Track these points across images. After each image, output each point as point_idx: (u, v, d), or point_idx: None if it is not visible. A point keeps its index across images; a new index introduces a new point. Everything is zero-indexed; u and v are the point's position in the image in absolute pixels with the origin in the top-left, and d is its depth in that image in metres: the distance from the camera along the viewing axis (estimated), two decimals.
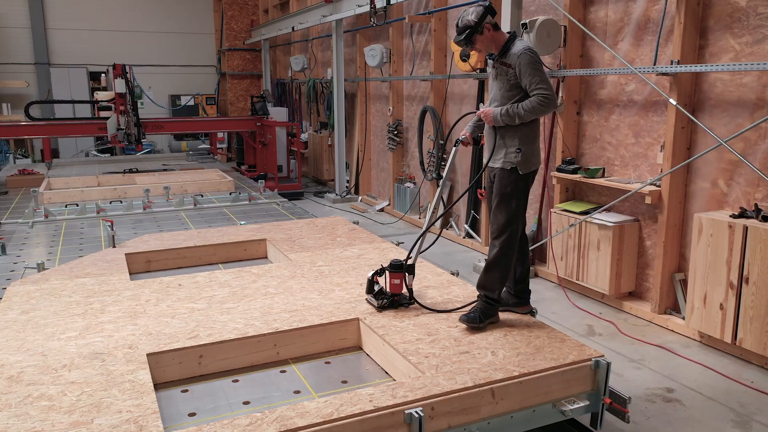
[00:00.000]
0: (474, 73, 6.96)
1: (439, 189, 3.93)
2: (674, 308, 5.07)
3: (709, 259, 4.44)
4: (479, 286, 3.60)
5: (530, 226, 6.69)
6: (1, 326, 3.48)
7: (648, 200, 5.00)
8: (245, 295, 4.01)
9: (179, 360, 3.19)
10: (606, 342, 4.79)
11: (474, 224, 7.66)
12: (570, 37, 5.74)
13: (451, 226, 8.20)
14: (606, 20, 5.51)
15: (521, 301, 3.71)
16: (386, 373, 3.31)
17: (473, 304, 3.59)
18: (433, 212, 3.96)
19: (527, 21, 5.54)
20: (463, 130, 3.92)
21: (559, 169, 5.89)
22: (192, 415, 2.87)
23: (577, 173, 5.68)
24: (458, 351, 3.17)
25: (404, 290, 3.75)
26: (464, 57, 6.84)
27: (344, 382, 3.21)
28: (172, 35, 16.94)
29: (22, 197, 8.49)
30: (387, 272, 3.74)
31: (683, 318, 4.88)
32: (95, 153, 14.66)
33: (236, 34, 16.37)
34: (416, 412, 2.60)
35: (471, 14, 3.43)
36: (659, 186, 4.99)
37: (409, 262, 3.78)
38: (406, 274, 3.75)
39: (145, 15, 16.62)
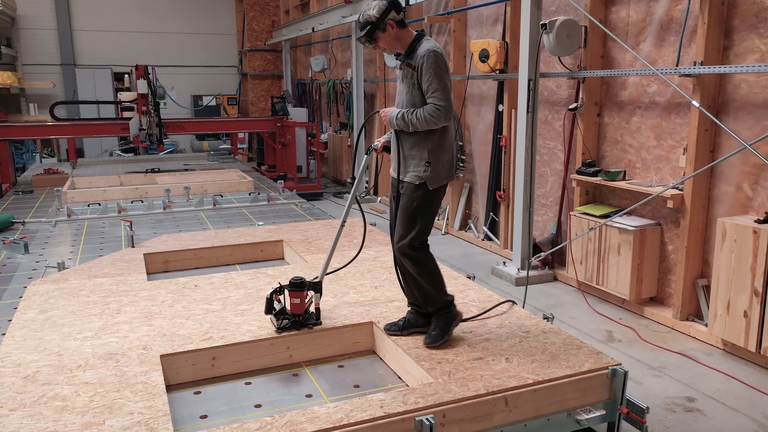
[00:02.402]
0: (493, 74, 6.89)
1: (350, 195, 3.47)
2: (697, 315, 4.96)
3: (732, 265, 4.33)
4: (425, 305, 3.36)
5: (549, 229, 6.61)
6: (20, 325, 3.53)
7: (670, 204, 4.90)
8: (260, 297, 4.01)
9: (192, 362, 3.20)
10: (625, 348, 4.70)
11: (493, 226, 7.59)
12: (591, 38, 5.65)
13: (469, 228, 8.14)
14: (628, 20, 5.41)
15: (428, 320, 3.41)
16: (399, 378, 3.28)
17: (436, 325, 3.33)
18: (342, 225, 3.59)
19: (547, 21, 5.46)
20: (381, 138, 3.53)
21: (579, 172, 5.80)
22: (204, 417, 2.88)
23: (597, 176, 5.59)
24: (472, 357, 3.13)
25: (312, 309, 3.52)
26: (483, 58, 6.77)
27: (356, 386, 3.19)
28: (194, 36, 17.11)
29: (46, 196, 8.63)
30: (286, 291, 3.46)
31: (706, 325, 4.77)
32: (119, 153, 14.84)
33: (257, 35, 16.46)
34: (427, 419, 2.57)
35: (373, 9, 3.15)
36: (682, 190, 4.88)
37: (316, 279, 3.55)
38: (313, 293, 3.50)
39: (168, 16, 16.81)
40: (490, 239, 7.62)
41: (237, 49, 17.48)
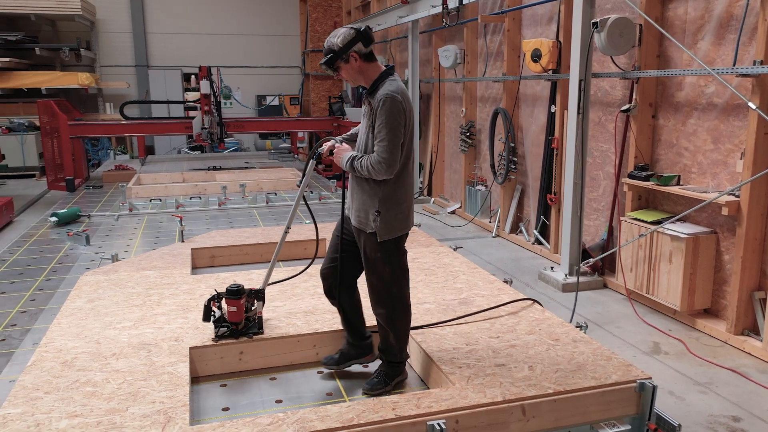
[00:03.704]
0: (545, 74, 6.73)
1: (294, 204, 3.38)
2: (752, 329, 4.68)
3: None
4: (380, 350, 3.19)
5: (600, 235, 6.40)
6: (67, 313, 3.74)
7: (725, 211, 4.64)
8: (294, 294, 4.09)
9: (221, 355, 3.30)
10: (672, 361, 4.49)
11: (543, 230, 7.42)
12: (646, 36, 5.42)
13: (520, 231, 7.98)
14: (685, 18, 5.16)
15: (363, 351, 3.31)
16: (422, 380, 3.27)
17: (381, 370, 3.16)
18: (286, 231, 3.52)
19: (598, 20, 5.28)
20: (332, 140, 3.24)
21: (630, 176, 5.58)
22: (225, 409, 2.96)
23: (649, 180, 5.36)
24: (494, 363, 3.08)
25: (256, 317, 3.42)
26: (535, 58, 6.63)
27: None
28: (260, 37, 17.59)
29: (114, 191, 9.09)
30: (224, 299, 3.35)
31: (761, 340, 4.49)
32: (186, 150, 15.46)
33: (320, 36, 16.71)
34: (438, 424, 2.54)
35: (338, 37, 2.90)
36: (738, 196, 4.61)
37: (258, 287, 3.48)
38: (255, 301, 3.41)
39: (236, 19, 17.35)
40: (540, 243, 7.45)
41: (300, 50, 17.83)
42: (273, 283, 3.78)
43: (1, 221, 8.81)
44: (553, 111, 6.93)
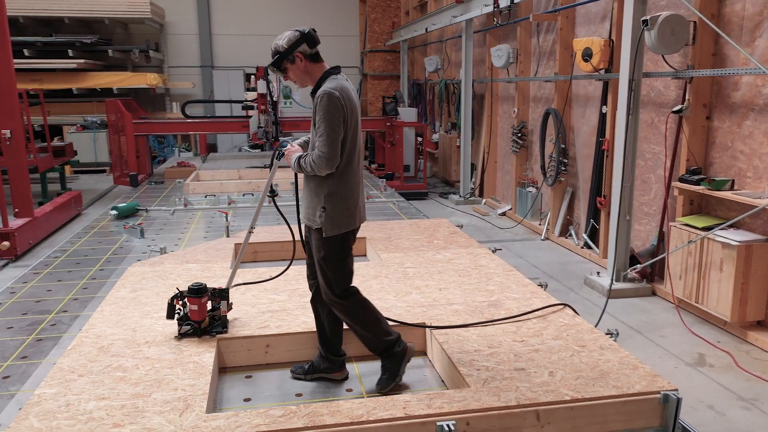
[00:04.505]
0: (596, 74, 6.54)
1: (258, 204, 3.45)
2: None
3: None
4: (369, 349, 3.20)
5: (650, 240, 6.17)
6: (111, 301, 3.95)
7: None
8: None
9: (248, 347, 3.40)
10: (716, 374, 4.29)
11: (593, 234, 7.22)
12: (700, 34, 5.19)
13: (570, 235, 7.79)
14: (743, 14, 4.90)
15: (331, 366, 3.25)
16: (442, 381, 3.27)
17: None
18: (249, 231, 3.52)
19: (648, 17, 5.10)
20: (296, 140, 3.35)
21: (681, 179, 5.36)
22: (247, 400, 3.06)
23: (700, 184, 5.13)
24: (514, 367, 3.04)
25: (221, 316, 3.42)
26: (586, 57, 6.46)
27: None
28: (320, 38, 17.83)
29: (173, 187, 9.47)
30: (186, 297, 3.35)
31: None
32: (247, 149, 15.90)
33: (378, 36, 16.85)
34: (448, 425, 2.54)
35: (283, 39, 3.02)
36: None
37: (223, 286, 3.48)
38: (221, 300, 3.41)
39: (297, 20, 17.69)
40: (589, 247, 7.26)
41: (359, 50, 18.02)
42: (240, 284, 3.86)
43: (71, 213, 9.36)
44: (604, 111, 6.74)
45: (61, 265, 5.35)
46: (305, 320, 3.61)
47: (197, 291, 3.32)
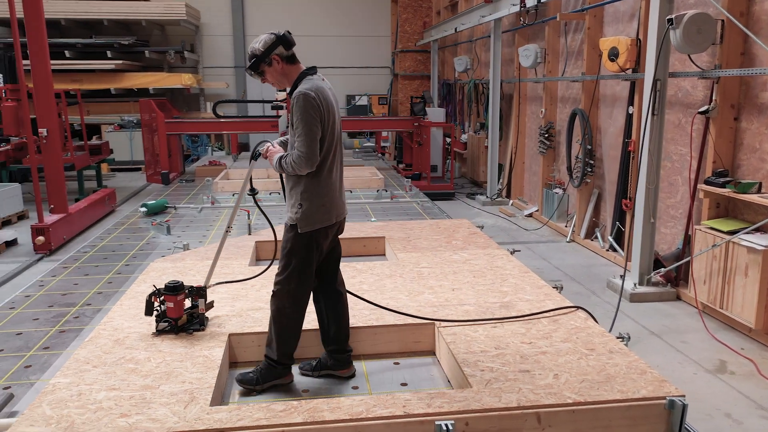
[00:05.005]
0: (622, 73, 6.43)
1: (235, 204, 3.48)
2: None
3: None
4: (266, 344, 3.20)
5: (677, 243, 6.03)
6: (130, 296, 4.07)
7: None
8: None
9: (258, 343, 3.46)
10: (737, 382, 4.18)
11: (619, 237, 7.09)
12: (728, 33, 5.06)
13: (595, 237, 7.68)
14: None
15: (337, 363, 3.28)
16: (449, 381, 3.27)
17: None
18: (226, 231, 3.60)
19: (674, 16, 4.99)
20: (275, 140, 3.42)
21: (707, 182, 5.23)
22: (258, 392, 3.11)
23: (725, 187, 5.00)
24: (519, 369, 3.03)
25: (198, 314, 3.47)
26: (612, 57, 6.35)
27: (403, 384, 3.24)
28: (353, 39, 18.00)
29: (203, 185, 9.66)
30: (163, 294, 3.41)
31: None
32: None
33: (409, 36, 16.85)
34: (446, 424, 2.55)
35: (259, 42, 3.08)
36: None
37: (200, 284, 3.52)
38: (199, 298, 3.46)
39: (329, 20, 17.86)
40: (614, 250, 7.14)
41: (390, 50, 18.06)
42: (220, 283, 3.95)
43: (104, 210, 9.64)
44: (630, 112, 6.62)
45: (89, 260, 5.53)
46: (315, 317, 3.66)
47: (173, 289, 3.39)
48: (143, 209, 7.38)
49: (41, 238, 7.34)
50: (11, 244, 7.88)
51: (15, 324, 4.05)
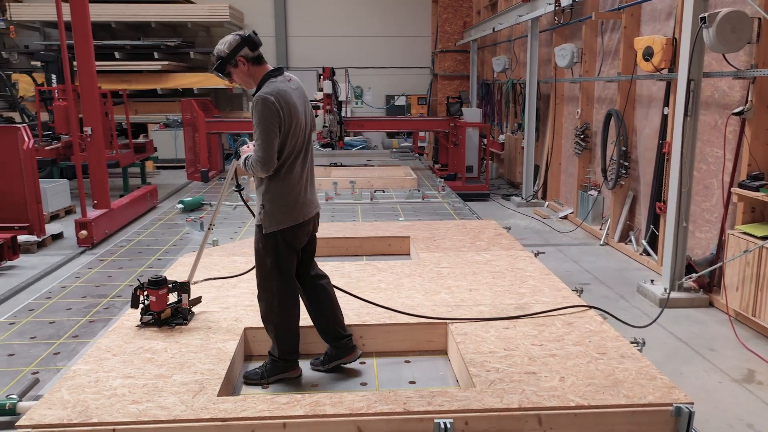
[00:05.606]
0: (657, 73, 6.28)
1: (217, 204, 3.59)
2: None
3: None
4: (272, 347, 3.28)
5: (710, 248, 5.86)
6: None
7: None
8: (356, 287, 4.25)
9: None
10: (763, 392, 4.04)
11: (653, 241, 6.93)
12: (765, 32, 4.89)
13: (629, 241, 7.52)
14: None
15: (340, 351, 3.32)
16: (457, 381, 3.29)
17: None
18: (209, 229, 3.75)
19: (707, 14, 4.86)
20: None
21: (741, 185, 5.07)
22: (265, 387, 3.20)
23: (760, 191, 4.83)
24: (525, 370, 3.02)
25: (182, 308, 3.58)
26: (647, 56, 6.21)
27: (412, 382, 3.28)
28: (393, 39, 18.05)
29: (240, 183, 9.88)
30: (147, 288, 3.50)
31: None
32: (317, 147, 16.31)
33: (449, 36, 16.80)
34: (445, 422, 2.57)
35: (225, 44, 3.08)
36: None
37: (184, 280, 3.62)
38: (182, 293, 3.56)
39: (370, 21, 17.96)
40: (648, 254, 6.97)
41: (430, 50, 18.04)
42: (206, 279, 4.08)
43: (146, 206, 9.97)
44: (665, 113, 6.46)
45: (124, 254, 5.76)
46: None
47: (156, 283, 3.49)
48: (180, 206, 7.61)
49: (84, 232, 7.65)
50: (57, 237, 8.25)
51: (49, 313, 4.27)
